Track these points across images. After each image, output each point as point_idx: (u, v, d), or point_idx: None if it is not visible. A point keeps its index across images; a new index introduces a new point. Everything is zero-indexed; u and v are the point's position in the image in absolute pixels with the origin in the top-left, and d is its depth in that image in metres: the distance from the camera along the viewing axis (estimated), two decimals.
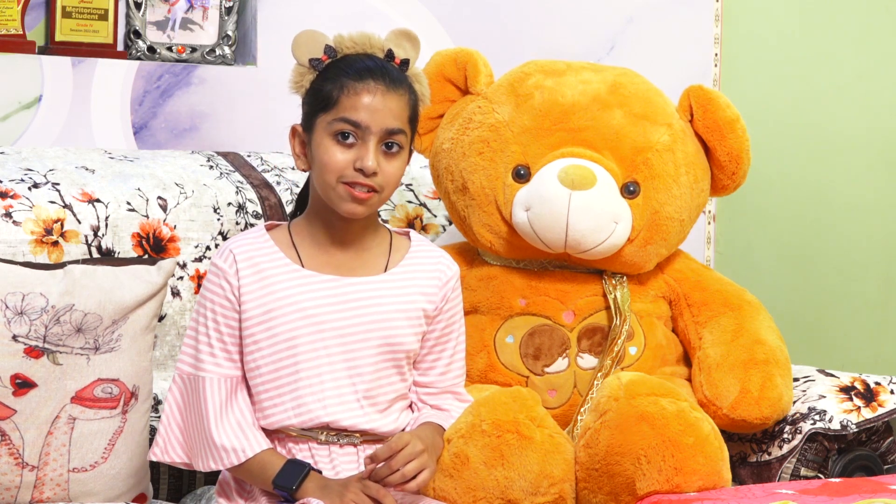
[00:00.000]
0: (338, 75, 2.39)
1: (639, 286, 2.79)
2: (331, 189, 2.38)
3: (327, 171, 2.38)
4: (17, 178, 2.69)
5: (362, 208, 2.39)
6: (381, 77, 2.38)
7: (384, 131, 2.37)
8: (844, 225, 3.62)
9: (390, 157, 2.39)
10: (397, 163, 2.40)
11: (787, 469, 2.69)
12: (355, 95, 2.37)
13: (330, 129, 2.38)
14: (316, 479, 2.35)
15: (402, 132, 2.39)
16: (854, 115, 3.60)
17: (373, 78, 2.38)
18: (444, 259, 2.52)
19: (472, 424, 2.44)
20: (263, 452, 2.38)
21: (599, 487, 2.45)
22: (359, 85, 2.37)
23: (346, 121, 2.37)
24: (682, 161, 2.76)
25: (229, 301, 2.42)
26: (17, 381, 2.42)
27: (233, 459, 2.37)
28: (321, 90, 2.39)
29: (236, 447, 2.37)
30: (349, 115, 2.37)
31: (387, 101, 2.38)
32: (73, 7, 3.00)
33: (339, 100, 2.37)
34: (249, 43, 3.15)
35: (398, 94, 2.39)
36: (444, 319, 2.50)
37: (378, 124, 2.37)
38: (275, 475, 2.35)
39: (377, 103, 2.37)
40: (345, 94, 2.37)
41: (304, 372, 2.40)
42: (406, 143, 2.41)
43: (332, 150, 2.38)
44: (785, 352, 2.75)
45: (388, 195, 2.41)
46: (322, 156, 2.38)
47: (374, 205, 2.40)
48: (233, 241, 2.45)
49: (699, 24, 3.57)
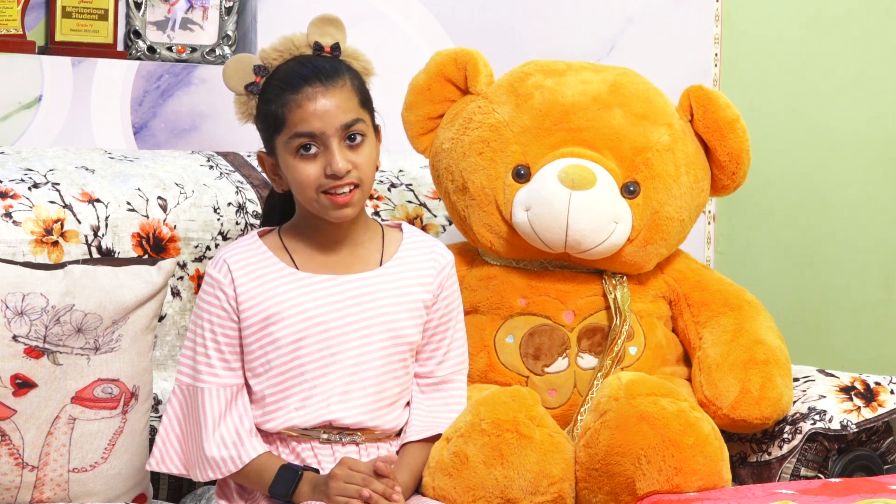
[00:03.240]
0: (276, 93, 2.39)
1: (639, 286, 2.79)
2: (314, 202, 2.40)
3: (304, 188, 2.39)
4: (17, 178, 2.69)
5: (349, 210, 2.40)
6: (316, 78, 2.38)
7: (341, 128, 2.38)
8: (844, 225, 3.61)
9: (357, 148, 2.39)
10: (366, 150, 2.40)
11: (787, 469, 2.69)
12: (299, 108, 2.37)
13: (290, 147, 2.39)
14: (309, 481, 2.36)
15: (359, 120, 2.39)
16: (854, 115, 3.60)
17: (308, 83, 2.38)
18: (438, 248, 2.53)
19: (471, 423, 2.44)
20: (259, 458, 2.39)
21: (599, 487, 2.45)
22: (299, 97, 2.37)
23: (301, 135, 2.37)
24: (682, 161, 2.76)
25: (225, 311, 2.42)
26: (17, 381, 2.42)
27: (228, 468, 2.39)
28: (267, 113, 2.40)
29: (233, 456, 2.38)
30: (301, 128, 2.37)
31: (331, 99, 2.37)
32: (73, 7, 3.00)
33: (286, 117, 2.38)
34: (249, 43, 3.15)
35: (339, 87, 2.39)
36: (441, 308, 2.50)
37: (332, 125, 2.37)
38: (270, 483, 2.37)
39: (323, 106, 2.37)
40: (289, 111, 2.37)
41: (310, 374, 2.41)
42: (367, 128, 2.41)
43: (299, 167, 2.38)
44: (785, 352, 2.75)
45: (369, 185, 2.42)
46: (293, 175, 2.39)
47: (358, 201, 2.40)
48: (226, 251, 2.45)
49: (699, 24, 3.57)
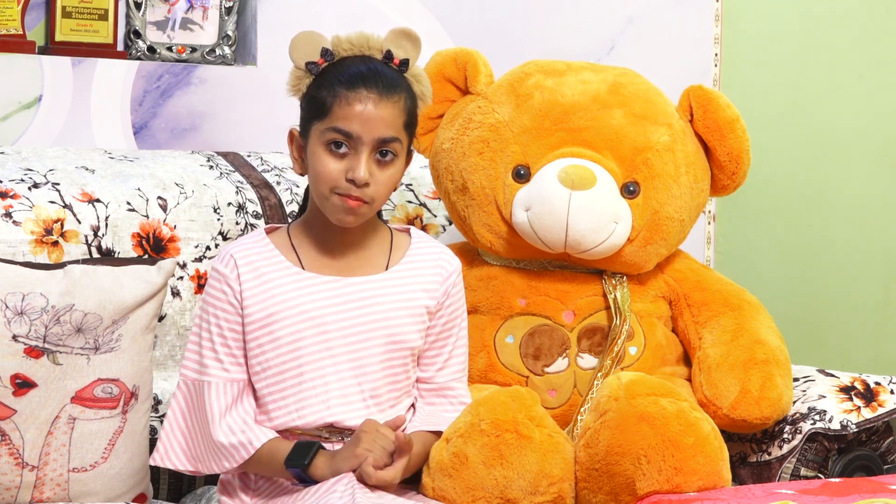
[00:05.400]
0: (332, 82, 2.38)
1: (639, 286, 2.79)
2: (324, 199, 2.39)
3: (320, 181, 2.38)
4: (17, 178, 2.69)
5: (352, 218, 2.39)
6: (375, 84, 2.37)
7: (376, 141, 2.36)
8: (844, 225, 3.61)
9: (384, 166, 2.38)
10: (391, 171, 2.39)
11: (787, 469, 2.69)
12: (347, 105, 2.36)
13: (323, 138, 2.38)
14: (325, 455, 2.37)
15: (396, 140, 2.38)
16: (854, 115, 3.60)
17: (365, 86, 2.36)
18: (445, 254, 2.52)
19: (470, 424, 2.44)
20: (270, 442, 2.39)
21: (599, 487, 2.45)
22: (351, 94, 2.36)
23: (339, 131, 2.36)
24: (682, 161, 2.76)
25: (232, 305, 2.42)
26: (17, 381, 2.42)
27: (243, 455, 2.38)
28: (316, 97, 2.39)
29: (243, 442, 2.38)
30: (341, 125, 2.36)
31: (379, 110, 2.36)
32: (73, 7, 3.00)
33: (332, 108, 2.36)
34: (249, 43, 3.15)
35: (392, 102, 2.38)
36: (445, 315, 2.50)
37: (370, 134, 2.36)
38: (285, 457, 2.37)
39: (369, 113, 2.36)
40: (337, 103, 2.36)
41: (309, 374, 2.41)
42: (401, 149, 2.40)
43: (324, 159, 2.37)
44: (785, 352, 2.75)
45: (379, 205, 2.41)
46: (315, 165, 2.38)
47: (364, 214, 2.40)
48: (233, 246, 2.45)
49: (699, 24, 3.57)
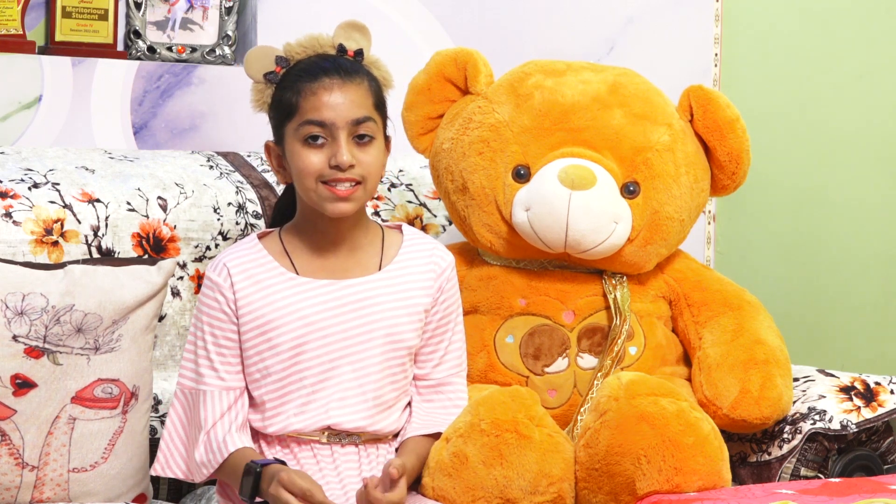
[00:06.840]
0: (293, 82, 2.40)
1: (639, 286, 2.79)
2: (313, 192, 2.39)
3: (305, 176, 2.38)
4: (17, 178, 2.69)
5: (348, 205, 2.39)
6: (336, 71, 2.39)
7: (351, 122, 2.37)
8: (844, 225, 3.62)
9: (364, 147, 2.39)
10: (373, 151, 2.40)
11: (787, 469, 2.69)
12: (313, 96, 2.37)
13: (298, 135, 2.39)
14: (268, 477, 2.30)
15: (370, 119, 2.39)
16: (854, 115, 3.60)
17: (327, 75, 2.38)
18: (438, 250, 2.52)
19: (470, 424, 2.44)
20: (232, 457, 2.37)
21: (599, 487, 2.45)
22: (314, 84, 2.38)
23: (311, 122, 2.37)
24: (682, 161, 2.76)
25: (226, 314, 2.42)
26: (17, 381, 2.42)
27: (209, 470, 2.40)
28: (282, 100, 2.41)
29: (210, 460, 2.39)
30: (312, 116, 2.37)
31: (346, 93, 2.38)
32: (73, 7, 3.00)
33: (299, 104, 2.38)
34: (249, 43, 3.15)
35: (356, 84, 2.39)
36: (440, 311, 2.50)
37: (343, 117, 2.37)
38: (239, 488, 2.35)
39: (337, 97, 2.37)
40: (304, 98, 2.38)
41: (309, 379, 2.41)
42: (377, 130, 2.41)
43: (304, 154, 2.38)
44: (785, 352, 2.75)
45: (372, 186, 2.41)
46: (297, 162, 2.39)
47: (359, 199, 2.40)
48: (226, 254, 2.45)
49: (699, 24, 3.57)
